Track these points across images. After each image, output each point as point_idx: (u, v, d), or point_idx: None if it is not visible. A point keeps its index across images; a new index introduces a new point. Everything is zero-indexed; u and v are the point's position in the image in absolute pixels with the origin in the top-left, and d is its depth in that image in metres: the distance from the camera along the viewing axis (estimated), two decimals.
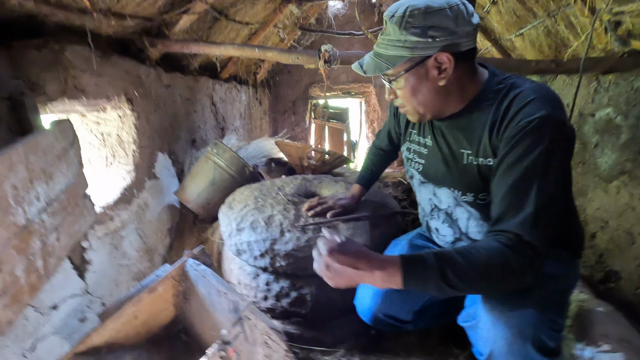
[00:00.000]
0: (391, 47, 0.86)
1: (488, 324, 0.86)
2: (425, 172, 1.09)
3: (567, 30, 2.03)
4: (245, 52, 1.80)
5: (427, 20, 0.81)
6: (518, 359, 0.83)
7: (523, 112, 0.81)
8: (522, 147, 0.79)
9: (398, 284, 0.75)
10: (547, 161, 0.78)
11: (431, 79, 0.87)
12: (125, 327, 1.17)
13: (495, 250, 0.75)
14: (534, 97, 0.81)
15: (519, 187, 0.79)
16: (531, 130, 0.79)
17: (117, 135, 1.77)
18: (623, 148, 1.81)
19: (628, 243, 1.79)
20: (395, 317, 1.18)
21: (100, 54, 1.51)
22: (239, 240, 1.47)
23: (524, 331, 0.81)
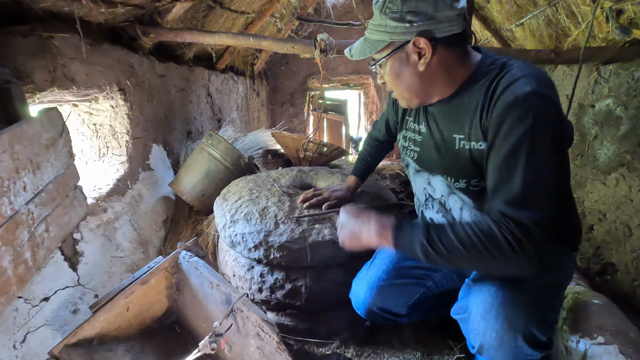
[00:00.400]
0: (375, 32, 0.88)
1: (478, 317, 0.85)
2: (420, 160, 1.07)
3: (568, 19, 2.00)
4: (240, 41, 1.76)
5: (405, 5, 0.82)
6: (508, 352, 0.82)
7: (509, 90, 0.79)
8: (508, 124, 0.78)
9: (389, 240, 0.84)
10: (533, 136, 0.75)
11: (412, 64, 0.87)
12: (117, 318, 1.16)
13: (483, 225, 0.76)
14: (520, 75, 0.79)
15: (507, 164, 0.77)
16: (516, 106, 0.77)
17: (110, 126, 1.74)
18: (622, 139, 1.79)
19: (625, 235, 1.78)
20: (390, 311, 1.18)
21: (90, 42, 1.48)
22: (233, 232, 1.45)
23: (515, 324, 0.80)
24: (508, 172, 0.77)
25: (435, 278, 1.20)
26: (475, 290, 0.90)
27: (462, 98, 0.91)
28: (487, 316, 0.83)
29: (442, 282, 1.21)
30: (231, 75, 3.38)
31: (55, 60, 1.29)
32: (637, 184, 1.70)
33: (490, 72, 0.86)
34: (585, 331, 1.06)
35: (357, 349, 1.40)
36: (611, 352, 0.97)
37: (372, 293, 1.16)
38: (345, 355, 1.37)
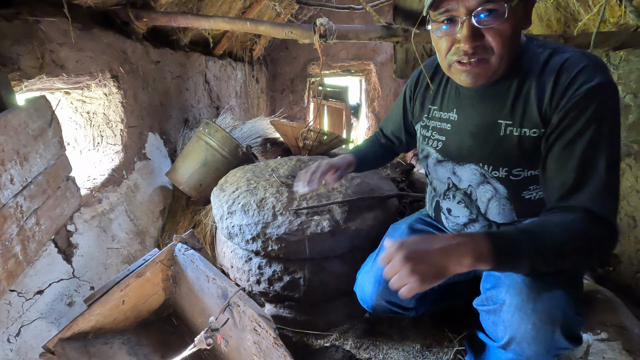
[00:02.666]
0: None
1: (513, 308, 0.82)
2: (445, 150, 1.01)
3: (578, 2, 1.91)
4: (236, 25, 1.69)
5: None
6: (543, 345, 0.79)
7: (579, 80, 0.75)
8: (586, 117, 0.74)
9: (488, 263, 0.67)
10: (611, 130, 0.73)
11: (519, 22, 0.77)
12: (112, 311, 1.15)
13: (577, 224, 0.71)
14: (586, 64, 0.75)
15: (586, 160, 0.74)
16: (592, 98, 0.73)
17: (103, 114, 1.70)
18: (630, 129, 1.73)
19: (630, 227, 1.75)
20: (398, 304, 1.14)
21: (80, 26, 1.42)
22: (231, 224, 1.43)
23: (554, 316, 0.78)
24: (590, 167, 0.73)
25: None
26: (507, 281, 0.86)
27: (510, 81, 0.85)
28: (524, 307, 0.80)
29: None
30: (229, 61, 3.30)
31: (43, 46, 1.24)
32: None
33: (540, 57, 0.81)
34: (588, 326, 1.04)
35: (356, 340, 1.39)
36: (614, 349, 0.95)
37: (380, 286, 1.12)
38: (344, 347, 1.36)
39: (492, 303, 0.88)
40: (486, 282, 0.95)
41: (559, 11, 2.09)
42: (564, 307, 0.78)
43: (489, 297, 0.90)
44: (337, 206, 1.44)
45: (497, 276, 0.91)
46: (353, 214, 1.42)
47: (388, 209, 1.54)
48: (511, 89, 0.84)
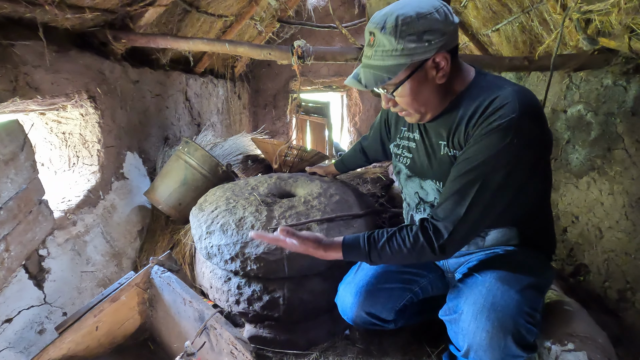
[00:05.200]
0: (388, 58, 0.87)
1: (469, 317, 0.88)
2: (412, 166, 1.12)
3: (541, 26, 2.04)
4: (215, 46, 1.72)
5: (421, 26, 0.83)
6: (497, 352, 0.85)
7: (496, 114, 0.85)
8: (481, 145, 0.86)
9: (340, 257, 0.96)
10: (496, 165, 0.84)
11: (431, 80, 0.90)
12: (85, 338, 1.12)
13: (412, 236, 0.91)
14: (507, 103, 0.84)
15: (462, 182, 0.87)
16: (496, 131, 0.84)
17: (80, 134, 1.68)
18: (593, 144, 1.84)
19: (597, 237, 1.84)
20: (378, 316, 1.17)
21: (55, 48, 1.42)
22: (209, 244, 1.42)
23: (505, 325, 0.83)
24: (462, 192, 0.87)
25: (422, 283, 1.20)
26: (466, 291, 0.93)
27: (454, 109, 0.95)
28: (479, 316, 0.86)
29: (428, 289, 1.22)
30: (210, 78, 3.32)
31: (17, 69, 1.23)
32: (607, 187, 1.76)
33: (485, 89, 0.91)
34: (556, 337, 1.08)
35: (337, 358, 1.39)
36: (580, 358, 0.99)
37: (360, 298, 1.15)
38: None
39: (454, 312, 0.94)
40: (451, 293, 1.00)
41: (524, 33, 2.22)
42: (516, 317, 0.84)
43: (451, 307, 0.96)
44: (316, 224, 1.46)
45: (460, 287, 0.97)
46: (332, 231, 1.44)
47: (366, 225, 1.57)
48: (452, 115, 0.95)
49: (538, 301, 0.93)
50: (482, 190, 0.85)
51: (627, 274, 1.65)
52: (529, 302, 0.88)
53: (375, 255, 0.94)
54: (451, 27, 0.86)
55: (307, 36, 4.78)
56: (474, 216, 0.86)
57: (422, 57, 0.86)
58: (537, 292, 0.93)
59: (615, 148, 1.70)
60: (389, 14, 0.86)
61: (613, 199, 1.72)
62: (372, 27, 0.88)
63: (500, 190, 0.86)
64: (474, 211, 0.86)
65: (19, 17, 1.26)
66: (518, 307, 0.85)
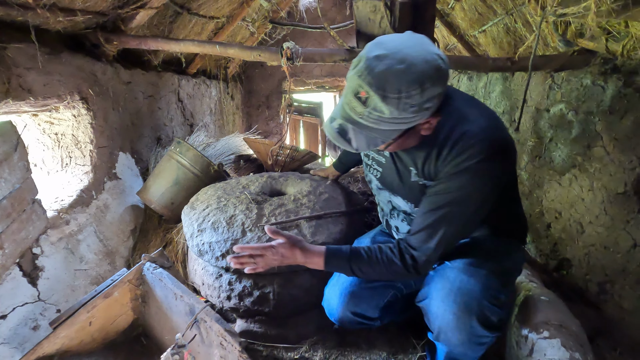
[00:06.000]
0: (385, 124, 0.82)
1: (438, 300, 0.94)
2: (382, 180, 1.15)
3: (524, 28, 2.10)
4: (206, 48, 1.76)
5: (424, 96, 0.79)
6: (464, 333, 0.92)
7: (466, 153, 0.87)
8: (450, 184, 0.91)
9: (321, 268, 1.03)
10: (465, 203, 0.90)
11: (417, 132, 0.90)
12: (79, 333, 1.15)
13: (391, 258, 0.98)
14: (478, 140, 0.87)
15: (433, 218, 0.93)
16: (465, 172, 0.88)
17: (72, 135, 1.70)
18: (574, 142, 1.90)
19: (578, 232, 1.90)
20: (363, 315, 1.22)
21: (48, 51, 1.45)
22: (201, 241, 1.46)
23: (470, 306, 0.90)
24: (435, 227, 0.93)
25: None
26: (436, 277, 0.99)
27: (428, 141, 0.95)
28: (446, 299, 0.92)
29: (410, 284, 1.26)
30: (203, 79, 3.35)
31: (10, 71, 1.26)
32: (587, 184, 1.82)
33: (454, 117, 0.91)
34: (532, 326, 1.13)
35: (325, 351, 1.43)
36: (554, 346, 1.04)
37: (345, 299, 1.19)
38: (313, 358, 1.40)
39: (425, 298, 1.01)
40: (425, 280, 1.07)
41: (509, 35, 2.28)
42: (480, 299, 0.91)
43: (422, 293, 1.03)
44: (305, 221, 1.50)
45: (431, 275, 1.04)
46: (320, 228, 1.49)
47: (354, 222, 1.61)
48: (423, 149, 0.96)
49: (504, 284, 0.99)
50: (452, 225, 0.92)
51: (607, 267, 1.71)
52: (494, 285, 0.94)
53: (357, 269, 1.01)
54: (446, 82, 0.83)
55: (299, 37, 4.82)
56: (444, 245, 0.94)
57: (418, 122, 0.84)
58: (503, 276, 0.99)
59: (595, 146, 1.76)
60: (389, 75, 0.76)
61: (593, 195, 1.78)
62: (364, 85, 0.78)
63: (469, 223, 0.95)
64: (443, 242, 0.93)
65: (11, 20, 1.29)
66: (483, 290, 0.91)
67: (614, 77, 1.64)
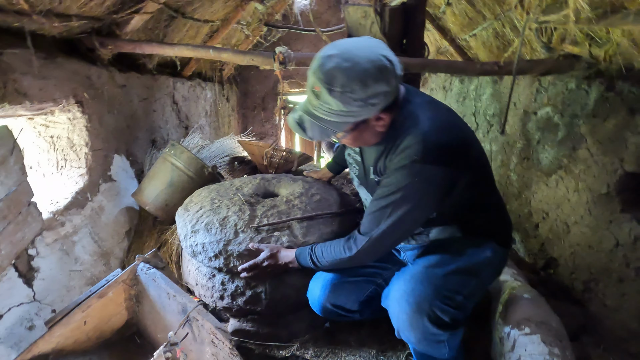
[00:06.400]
0: (334, 115, 0.92)
1: (395, 302, 1.00)
2: (359, 177, 1.25)
3: (512, 32, 2.15)
4: (200, 52, 1.79)
5: (367, 92, 0.87)
6: (418, 332, 0.98)
7: (404, 153, 0.95)
8: (392, 179, 0.98)
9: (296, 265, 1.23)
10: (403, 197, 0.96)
11: (372, 128, 0.98)
12: (74, 333, 1.18)
13: (340, 240, 1.14)
14: (415, 143, 0.93)
15: (378, 207, 1.01)
16: (402, 169, 0.95)
17: (67, 138, 1.73)
18: (560, 144, 1.95)
19: (565, 232, 1.94)
20: (343, 307, 1.27)
21: (44, 55, 1.47)
22: (194, 242, 1.48)
23: (421, 307, 0.95)
24: (377, 218, 1.01)
25: (385, 276, 1.29)
26: (394, 280, 1.06)
27: (383, 142, 1.05)
28: (401, 301, 0.98)
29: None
30: (198, 81, 3.38)
31: (6, 76, 1.29)
32: (573, 185, 1.87)
33: (405, 121, 0.98)
34: (514, 323, 1.17)
35: (316, 349, 1.47)
36: (534, 342, 1.08)
37: (326, 291, 1.25)
38: (305, 356, 1.43)
39: (386, 299, 1.08)
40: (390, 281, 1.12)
41: (498, 39, 2.33)
42: (432, 300, 0.96)
43: (386, 293, 1.10)
44: (297, 222, 1.53)
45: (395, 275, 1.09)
46: (311, 229, 1.52)
47: (345, 223, 1.64)
48: (379, 149, 1.06)
49: (465, 285, 1.03)
50: (392, 216, 0.98)
51: (591, 266, 1.76)
52: (450, 286, 0.99)
53: (314, 253, 1.18)
54: (394, 83, 0.91)
55: (294, 40, 4.85)
56: (385, 236, 1.01)
57: (366, 117, 0.94)
58: (465, 276, 1.03)
59: (579, 148, 1.81)
60: (335, 73, 0.85)
61: (578, 195, 1.83)
62: (317, 81, 0.88)
63: (408, 219, 0.99)
64: (385, 232, 1.00)
65: (7, 26, 1.31)
66: (435, 291, 0.96)
67: (597, 82, 1.69)
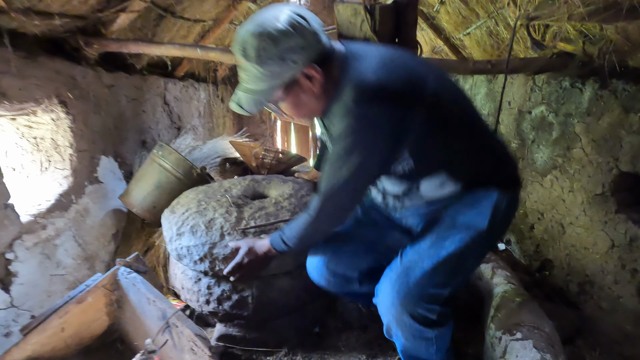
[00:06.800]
0: (260, 82, 0.90)
1: (382, 301, 1.02)
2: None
3: (506, 31, 2.12)
4: (187, 52, 1.76)
5: (280, 47, 0.85)
6: (406, 331, 0.99)
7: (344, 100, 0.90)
8: (336, 134, 0.94)
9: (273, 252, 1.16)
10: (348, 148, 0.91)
11: (308, 90, 0.94)
12: (51, 340, 1.14)
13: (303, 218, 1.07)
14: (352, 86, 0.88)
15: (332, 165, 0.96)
16: (343, 118, 0.90)
17: (51, 139, 1.69)
18: (555, 144, 1.92)
19: (560, 233, 1.91)
20: (342, 274, 1.23)
21: (24, 54, 1.44)
22: (179, 245, 1.45)
23: (406, 307, 0.96)
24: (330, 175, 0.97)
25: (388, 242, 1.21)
26: (384, 276, 1.04)
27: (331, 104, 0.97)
28: (387, 300, 0.99)
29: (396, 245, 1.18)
30: (191, 82, 3.34)
31: None
32: (568, 185, 1.83)
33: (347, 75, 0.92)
34: (506, 328, 1.14)
35: (305, 355, 1.43)
36: (526, 347, 1.05)
37: (326, 259, 1.23)
38: None
39: (376, 296, 1.06)
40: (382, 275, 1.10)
41: (492, 37, 2.30)
42: (417, 300, 0.96)
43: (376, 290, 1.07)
44: (284, 224, 1.50)
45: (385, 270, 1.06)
46: None
47: None
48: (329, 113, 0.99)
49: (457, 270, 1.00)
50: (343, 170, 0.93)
51: (586, 268, 1.72)
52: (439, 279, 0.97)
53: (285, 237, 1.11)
54: (313, 36, 0.88)
55: None
56: (341, 192, 0.96)
57: (291, 76, 0.89)
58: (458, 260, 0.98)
59: (574, 147, 1.77)
60: (246, 38, 0.86)
61: (573, 196, 1.80)
62: (237, 54, 0.89)
63: (361, 169, 0.92)
64: (340, 188, 0.95)
65: None
66: (420, 291, 0.96)
67: (591, 80, 1.66)
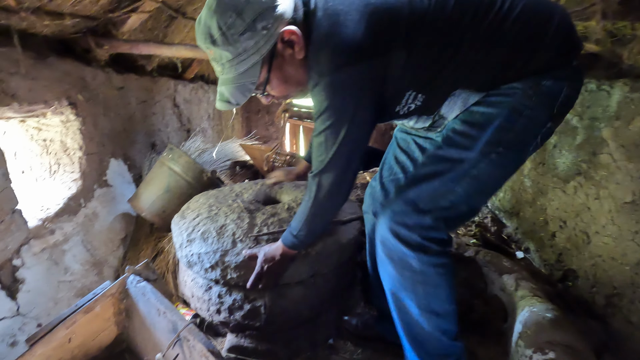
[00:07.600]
0: (239, 65, 0.83)
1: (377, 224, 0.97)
2: None
3: None
4: (198, 53, 1.72)
5: (246, 17, 0.78)
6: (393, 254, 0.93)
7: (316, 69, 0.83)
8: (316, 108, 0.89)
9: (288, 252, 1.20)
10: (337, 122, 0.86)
11: (290, 59, 0.86)
12: (57, 351, 1.09)
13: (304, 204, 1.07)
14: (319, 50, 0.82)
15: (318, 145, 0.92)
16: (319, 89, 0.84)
17: (60, 141, 1.66)
18: (578, 149, 1.83)
19: (584, 242, 1.82)
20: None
21: (34, 55, 1.41)
22: (190, 252, 1.40)
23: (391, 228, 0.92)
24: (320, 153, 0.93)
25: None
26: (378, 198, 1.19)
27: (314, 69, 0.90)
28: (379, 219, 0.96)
29: None
30: (201, 84, 3.31)
31: None
32: (593, 192, 1.75)
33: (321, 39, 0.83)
34: (537, 345, 1.06)
35: None
36: None
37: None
38: None
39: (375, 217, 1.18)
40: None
41: None
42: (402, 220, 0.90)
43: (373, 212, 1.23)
44: None
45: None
46: None
47: (349, 232, 1.55)
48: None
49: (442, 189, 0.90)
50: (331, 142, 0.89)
51: (614, 280, 1.64)
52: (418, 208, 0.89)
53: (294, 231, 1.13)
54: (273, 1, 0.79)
55: None
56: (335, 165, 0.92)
57: (269, 45, 0.81)
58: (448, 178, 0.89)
59: (600, 152, 1.69)
60: (207, 22, 0.80)
61: (599, 203, 1.71)
62: (203, 44, 0.83)
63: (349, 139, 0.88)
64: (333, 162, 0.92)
65: None
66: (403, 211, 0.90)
67: (620, 82, 1.58)
